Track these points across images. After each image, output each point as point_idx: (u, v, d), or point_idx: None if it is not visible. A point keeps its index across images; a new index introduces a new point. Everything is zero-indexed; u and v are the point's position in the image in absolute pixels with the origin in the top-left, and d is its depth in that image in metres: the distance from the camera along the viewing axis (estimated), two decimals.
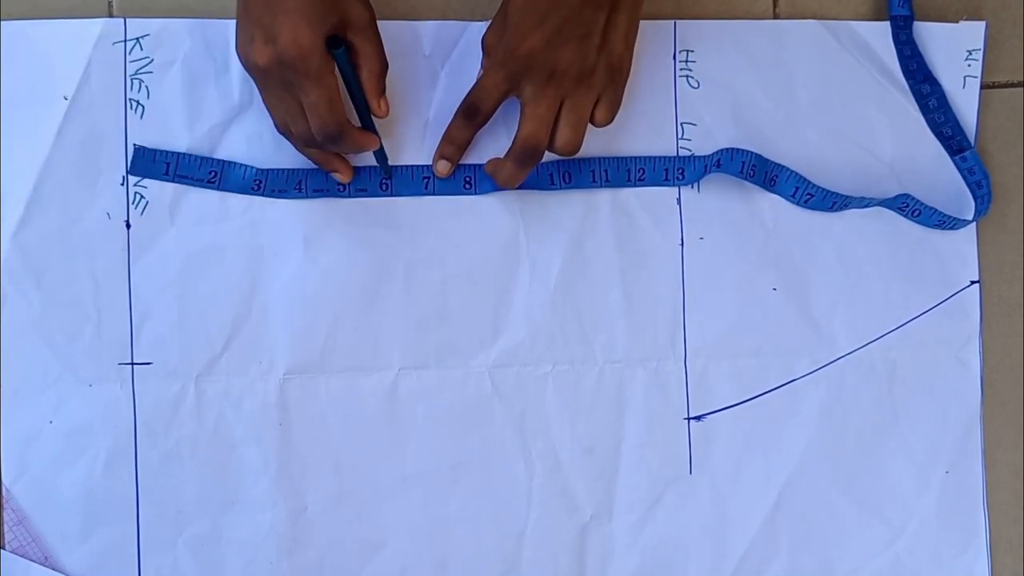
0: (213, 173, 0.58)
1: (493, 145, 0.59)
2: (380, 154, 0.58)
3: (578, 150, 0.57)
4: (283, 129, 0.55)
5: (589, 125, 0.57)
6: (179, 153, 0.57)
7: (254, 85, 0.56)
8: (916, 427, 0.63)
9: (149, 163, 0.57)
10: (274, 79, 0.52)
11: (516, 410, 0.60)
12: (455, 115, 0.57)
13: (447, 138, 0.58)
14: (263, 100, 0.55)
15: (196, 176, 0.58)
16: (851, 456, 0.62)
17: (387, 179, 0.59)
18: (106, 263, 0.57)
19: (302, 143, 0.56)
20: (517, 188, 0.59)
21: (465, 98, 0.56)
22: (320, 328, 0.59)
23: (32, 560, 0.57)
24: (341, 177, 0.58)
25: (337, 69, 0.53)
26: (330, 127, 0.53)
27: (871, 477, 0.62)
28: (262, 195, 0.58)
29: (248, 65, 0.52)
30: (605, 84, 0.56)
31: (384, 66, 0.54)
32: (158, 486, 0.58)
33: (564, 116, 0.56)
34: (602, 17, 0.54)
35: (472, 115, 0.57)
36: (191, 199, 0.58)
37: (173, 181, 0.57)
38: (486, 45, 0.56)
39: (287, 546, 0.58)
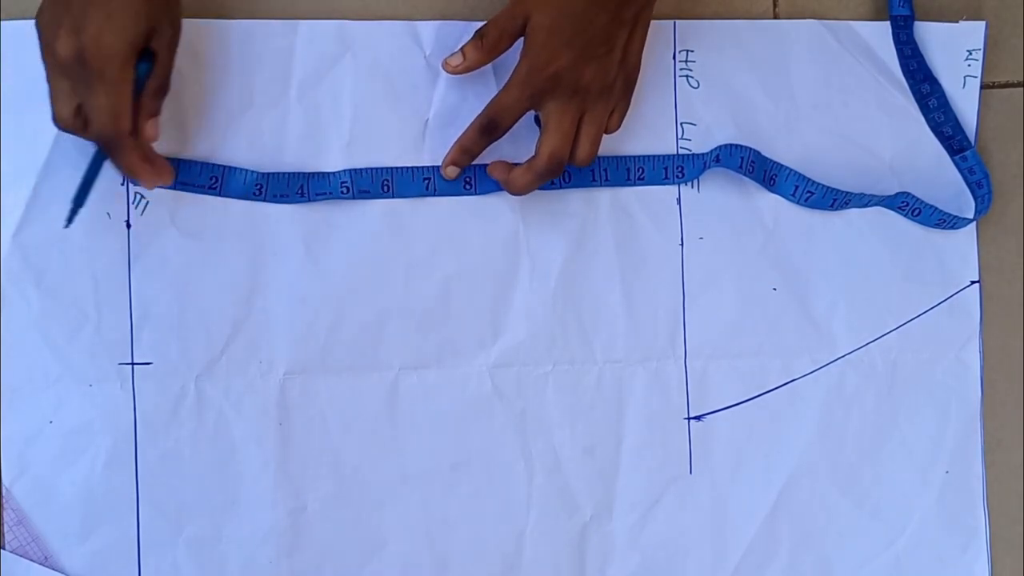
0: (214, 179, 0.58)
1: (494, 146, 0.59)
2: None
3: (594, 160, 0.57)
4: (62, 125, 0.52)
5: None
6: (179, 160, 0.57)
7: (252, 86, 0.56)
8: (916, 427, 0.63)
9: None
10: (70, 72, 0.49)
11: (516, 410, 0.60)
12: (472, 128, 0.57)
13: (461, 147, 0.57)
14: (49, 85, 0.51)
15: (197, 183, 0.57)
16: (851, 456, 0.62)
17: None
18: (106, 263, 0.57)
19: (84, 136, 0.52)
20: None
21: (484, 112, 0.56)
22: (320, 328, 0.59)
23: (32, 560, 0.57)
24: (145, 182, 0.54)
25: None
26: (107, 136, 0.50)
27: (871, 477, 0.62)
28: (263, 200, 0.58)
29: (46, 49, 0.50)
30: (620, 96, 0.57)
31: (166, 89, 0.53)
32: (158, 486, 0.57)
33: (584, 130, 0.56)
34: (625, 33, 0.54)
35: (491, 131, 0.56)
36: (191, 199, 0.58)
37: (174, 189, 0.57)
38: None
39: (287, 546, 0.58)
